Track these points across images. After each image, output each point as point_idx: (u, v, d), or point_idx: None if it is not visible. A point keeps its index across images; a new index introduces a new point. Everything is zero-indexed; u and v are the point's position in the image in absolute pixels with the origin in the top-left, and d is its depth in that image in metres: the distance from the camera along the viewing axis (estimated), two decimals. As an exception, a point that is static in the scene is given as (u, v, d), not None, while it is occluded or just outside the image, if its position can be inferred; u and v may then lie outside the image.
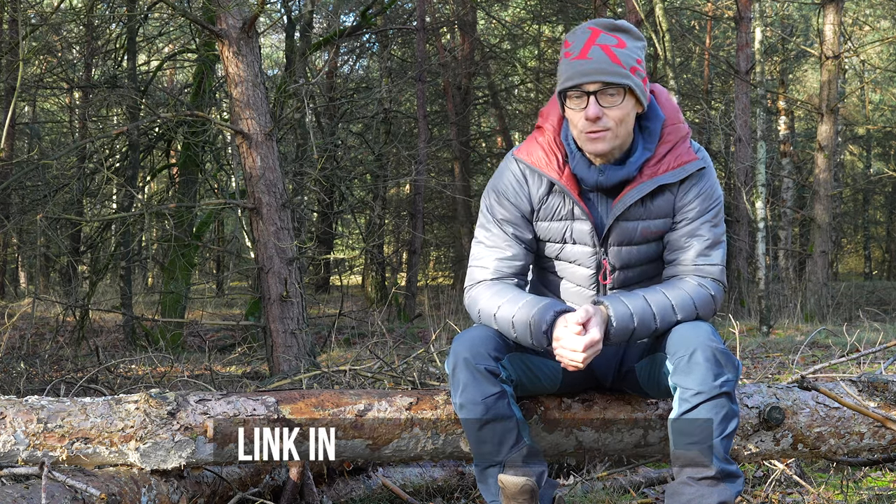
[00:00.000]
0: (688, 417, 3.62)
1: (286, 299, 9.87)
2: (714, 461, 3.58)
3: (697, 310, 3.84)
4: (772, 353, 11.21)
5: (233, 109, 9.98)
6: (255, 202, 9.85)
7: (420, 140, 21.04)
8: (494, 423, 3.71)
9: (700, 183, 3.91)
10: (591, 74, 3.70)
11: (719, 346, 3.64)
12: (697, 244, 3.91)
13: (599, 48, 3.72)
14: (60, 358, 11.79)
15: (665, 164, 3.87)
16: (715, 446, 3.59)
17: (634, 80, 3.74)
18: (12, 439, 3.79)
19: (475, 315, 3.96)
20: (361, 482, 4.96)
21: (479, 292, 3.95)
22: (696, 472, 3.60)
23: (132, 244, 16.72)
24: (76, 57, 18.65)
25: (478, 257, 4.02)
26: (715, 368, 3.59)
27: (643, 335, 3.82)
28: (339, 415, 4.01)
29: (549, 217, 3.95)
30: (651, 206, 3.89)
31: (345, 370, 7.02)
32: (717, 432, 3.58)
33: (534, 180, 3.95)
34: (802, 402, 4.24)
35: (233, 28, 9.73)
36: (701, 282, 3.89)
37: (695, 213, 3.91)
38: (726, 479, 3.60)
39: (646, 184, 3.84)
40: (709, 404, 3.59)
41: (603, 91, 3.71)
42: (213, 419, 3.95)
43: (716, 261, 3.92)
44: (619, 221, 3.88)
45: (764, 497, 4.88)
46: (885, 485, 5.13)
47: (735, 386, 3.64)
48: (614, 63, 3.71)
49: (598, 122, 3.73)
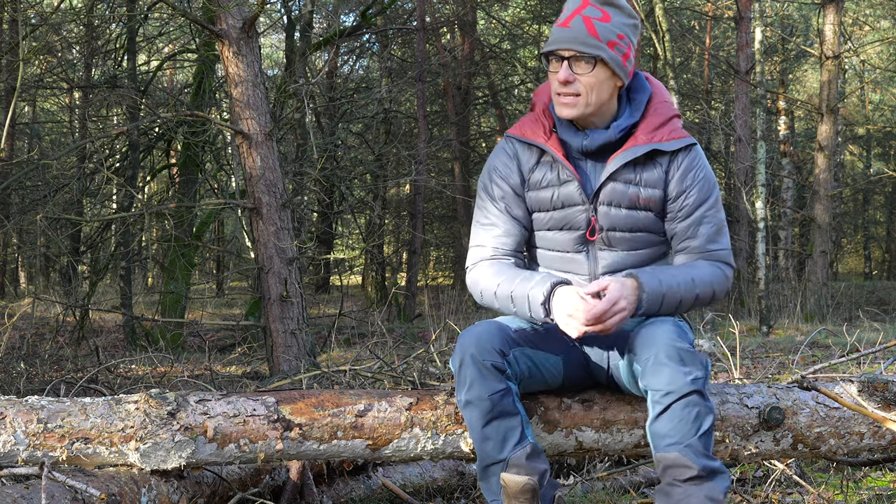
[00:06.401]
0: (663, 419, 3.63)
1: (286, 299, 9.87)
2: (695, 460, 3.57)
3: (713, 287, 3.98)
4: (772, 353, 11.22)
5: (233, 109, 9.98)
6: (255, 202, 9.85)
7: (420, 140, 21.05)
8: (499, 420, 3.72)
9: (691, 161, 4.03)
10: (565, 42, 3.90)
11: (682, 345, 3.67)
12: (705, 230, 4.03)
13: (581, 18, 3.91)
14: (60, 358, 11.80)
15: (661, 134, 4.01)
16: (693, 445, 3.58)
17: (609, 52, 3.90)
18: (12, 439, 3.79)
19: (478, 295, 4.08)
20: (361, 482, 4.97)
21: (480, 272, 4.06)
22: (680, 474, 3.59)
23: (132, 244, 16.73)
24: (76, 57, 18.65)
25: (475, 238, 4.15)
26: (681, 367, 3.61)
27: (671, 304, 3.90)
28: (339, 415, 4.02)
29: (538, 186, 4.07)
30: (643, 174, 4.00)
31: (345, 370, 7.03)
32: (693, 431, 3.58)
33: (523, 152, 4.11)
34: (802, 402, 4.24)
35: (233, 28, 9.74)
36: (714, 263, 4.02)
37: (694, 200, 4.02)
38: (711, 477, 3.59)
39: (641, 146, 3.97)
40: (680, 403, 3.59)
41: (577, 58, 3.90)
42: (213, 419, 3.95)
43: (724, 245, 4.06)
44: (611, 182, 3.99)
45: (764, 497, 4.88)
46: (884, 485, 5.14)
47: (705, 383, 3.65)
48: (590, 35, 3.88)
49: (570, 87, 3.91)
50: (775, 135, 28.53)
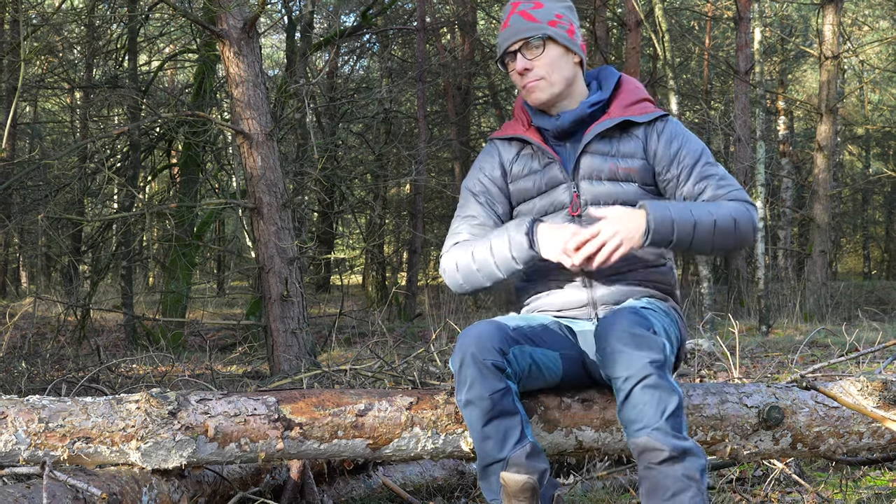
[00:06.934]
0: (627, 405, 3.60)
1: (287, 299, 9.88)
2: (665, 441, 3.52)
3: (734, 216, 3.93)
4: (771, 352, 11.21)
5: (233, 109, 9.99)
6: (255, 202, 9.86)
7: (420, 140, 21.05)
8: (500, 420, 3.72)
9: (671, 127, 4.13)
10: (510, 37, 4.11)
11: (637, 330, 3.66)
12: (713, 181, 4.05)
13: (517, 14, 4.12)
14: (62, 357, 11.81)
15: (633, 110, 4.12)
16: (661, 427, 3.53)
17: (552, 29, 4.08)
18: (14, 439, 3.79)
19: (453, 273, 4.12)
20: (362, 481, 4.97)
21: (451, 252, 4.13)
22: (654, 457, 3.55)
23: (133, 244, 16.77)
24: (77, 57, 18.67)
25: (452, 229, 4.24)
26: (636, 351, 3.59)
27: (685, 232, 3.86)
28: (339, 414, 4.02)
29: (520, 175, 4.19)
30: (619, 146, 4.10)
31: (345, 369, 7.03)
32: (658, 413, 3.53)
33: (504, 148, 4.26)
34: (801, 401, 4.25)
35: (233, 28, 9.74)
36: (732, 200, 4.00)
37: (690, 159, 4.08)
38: (684, 457, 3.54)
39: (614, 118, 4.09)
40: (639, 387, 3.56)
41: (526, 46, 4.08)
42: (214, 419, 3.96)
43: (736, 185, 4.05)
44: (587, 154, 4.09)
45: (763, 496, 4.89)
46: (883, 483, 5.14)
47: (664, 364, 3.61)
48: (528, 20, 4.09)
49: (530, 74, 4.09)
50: (774, 135, 28.53)
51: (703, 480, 3.55)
